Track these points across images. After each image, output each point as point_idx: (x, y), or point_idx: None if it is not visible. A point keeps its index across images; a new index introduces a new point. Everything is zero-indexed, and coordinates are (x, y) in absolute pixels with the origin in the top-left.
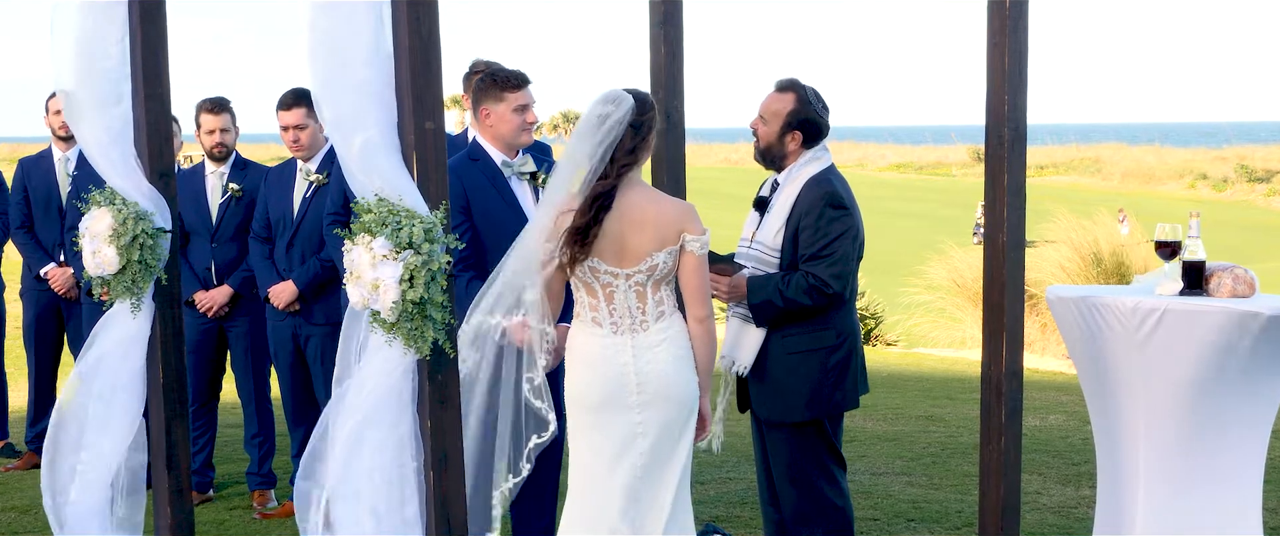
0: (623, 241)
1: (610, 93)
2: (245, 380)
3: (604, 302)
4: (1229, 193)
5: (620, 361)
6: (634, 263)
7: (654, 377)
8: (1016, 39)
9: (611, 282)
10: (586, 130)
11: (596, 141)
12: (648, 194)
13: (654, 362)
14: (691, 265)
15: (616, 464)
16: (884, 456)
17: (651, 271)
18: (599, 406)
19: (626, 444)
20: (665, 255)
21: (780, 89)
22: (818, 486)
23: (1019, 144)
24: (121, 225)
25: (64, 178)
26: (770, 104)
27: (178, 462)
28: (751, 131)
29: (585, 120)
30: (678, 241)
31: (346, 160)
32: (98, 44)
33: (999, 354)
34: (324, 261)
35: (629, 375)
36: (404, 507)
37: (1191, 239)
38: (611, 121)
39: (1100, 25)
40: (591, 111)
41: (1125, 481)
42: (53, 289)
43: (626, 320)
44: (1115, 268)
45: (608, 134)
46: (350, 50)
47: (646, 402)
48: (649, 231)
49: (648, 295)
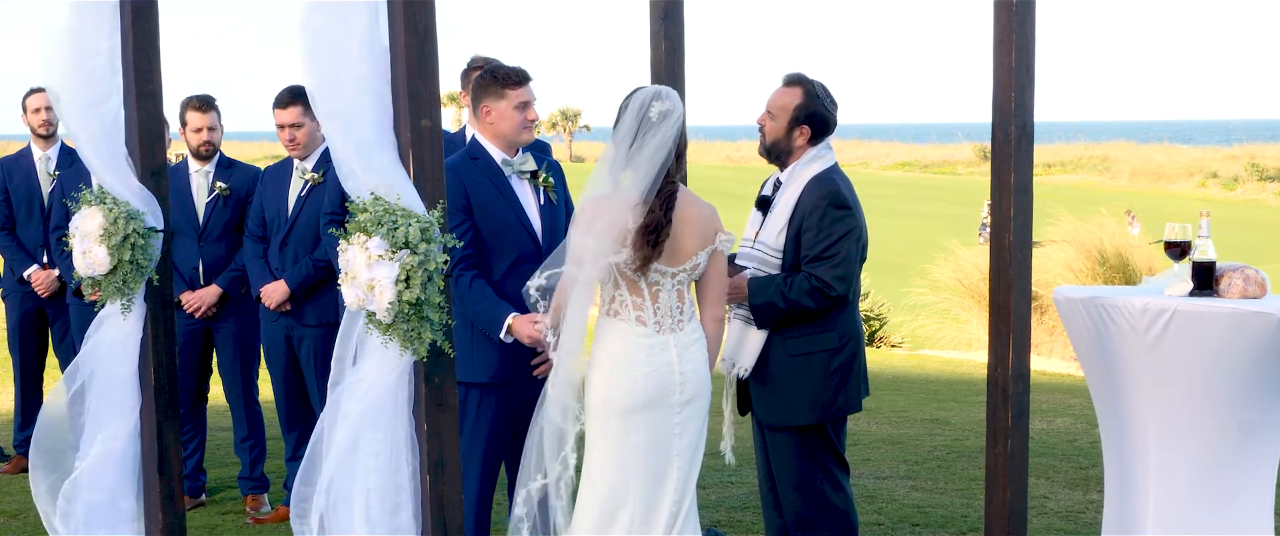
0: (677, 241)
1: (656, 89)
2: (233, 382)
3: (649, 301)
4: (1240, 191)
5: (666, 360)
6: (681, 262)
7: (693, 376)
8: (1023, 35)
9: (659, 282)
10: (650, 127)
11: (663, 139)
12: (687, 194)
13: (692, 362)
14: (721, 265)
15: (660, 465)
16: (888, 460)
17: (693, 270)
18: (643, 407)
19: (668, 444)
20: (705, 255)
21: (788, 83)
22: (821, 491)
23: (1026, 142)
24: (112, 224)
25: (45, 177)
26: (778, 99)
27: (170, 467)
28: (758, 127)
29: (642, 119)
30: (713, 241)
31: (342, 158)
32: (87, 41)
33: (1005, 355)
34: (317, 261)
35: (675, 374)
36: (398, 514)
37: (1201, 239)
38: (674, 118)
39: (1108, 21)
40: (650, 109)
41: (1134, 485)
42: (37, 292)
43: (669, 319)
44: (1122, 268)
45: (671, 129)
46: (345, 45)
47: (687, 401)
48: (694, 230)
49: (685, 294)
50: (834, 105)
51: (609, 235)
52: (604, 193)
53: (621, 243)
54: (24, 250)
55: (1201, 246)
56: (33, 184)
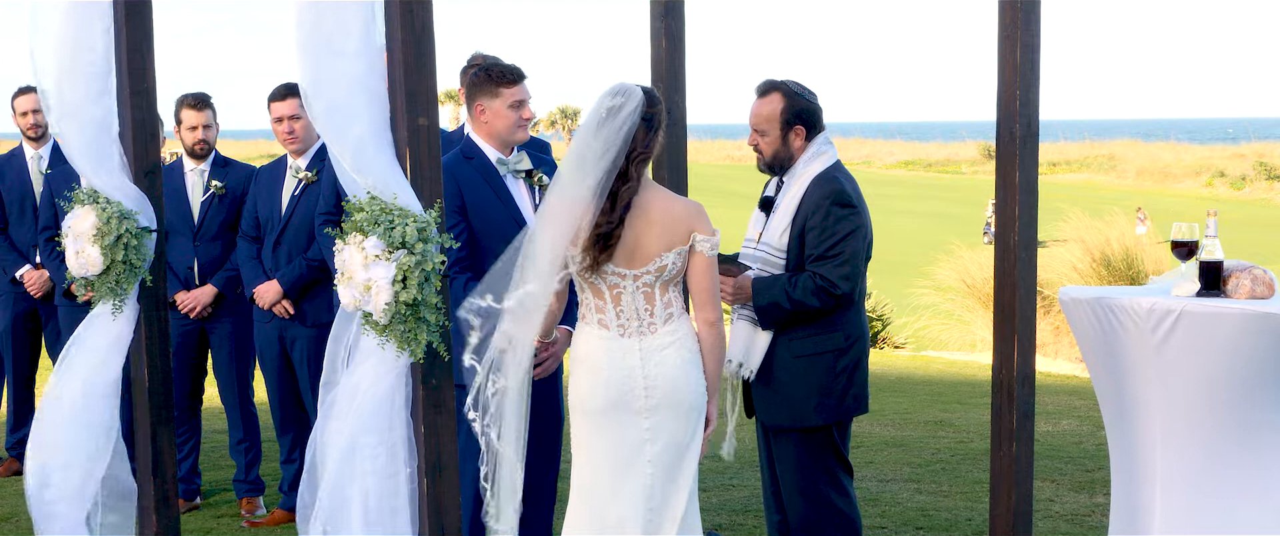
0: (635, 242)
1: (617, 85)
2: (228, 384)
3: (611, 304)
4: (1248, 191)
5: (628, 365)
6: (642, 263)
7: (662, 381)
8: (1029, 32)
9: (619, 284)
10: (596, 124)
11: (609, 136)
12: (657, 192)
13: (662, 366)
14: (701, 266)
15: (625, 469)
16: (891, 462)
17: (660, 272)
18: (605, 410)
19: (635, 449)
20: (674, 256)
21: (763, 93)
22: (825, 494)
23: (1031, 140)
24: (105, 224)
25: (37, 177)
26: (760, 111)
27: (163, 469)
28: (753, 148)
29: (593, 114)
30: (687, 242)
31: (338, 156)
32: (82, 40)
33: (1010, 356)
34: (310, 261)
35: (636, 379)
36: (396, 517)
37: (1209, 238)
38: (624, 113)
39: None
40: (600, 104)
41: (1141, 488)
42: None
43: (634, 323)
44: (1128, 268)
45: (621, 127)
46: (341, 42)
47: (654, 407)
48: (658, 231)
49: (656, 297)
50: (814, 96)
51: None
52: (562, 191)
53: (568, 244)
54: (16, 250)
55: (1209, 246)
56: (25, 183)
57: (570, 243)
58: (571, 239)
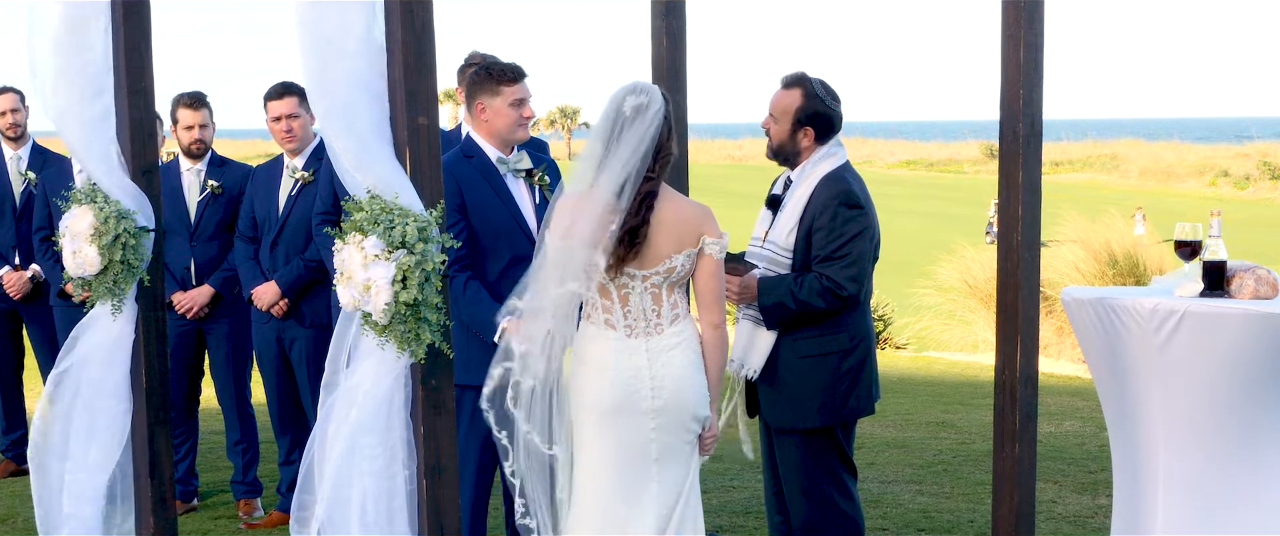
0: (650, 242)
1: (637, 83)
2: (226, 384)
3: (618, 304)
4: (1251, 190)
5: (635, 365)
6: (653, 264)
7: (669, 381)
8: (1032, 31)
9: (628, 284)
10: (622, 123)
11: (639, 136)
12: (668, 194)
13: (669, 366)
14: (709, 269)
15: (630, 469)
16: (893, 464)
17: (669, 274)
18: (612, 410)
19: (640, 449)
20: (683, 257)
21: (787, 85)
22: (829, 496)
23: (1034, 140)
24: (103, 224)
25: (16, 178)
26: (779, 101)
27: (161, 470)
28: (764, 130)
29: (617, 114)
30: (697, 244)
31: (339, 155)
32: (80, 38)
33: (1013, 357)
34: (308, 261)
35: (644, 379)
36: (394, 518)
37: (1212, 238)
38: (651, 112)
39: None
40: (624, 104)
41: (1143, 489)
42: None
43: (641, 323)
44: (1131, 268)
45: (649, 126)
46: (342, 41)
47: (661, 407)
48: (670, 233)
49: (663, 298)
50: (836, 102)
51: (587, 237)
52: (578, 191)
53: (597, 245)
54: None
55: (1212, 246)
56: (4, 185)
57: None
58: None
